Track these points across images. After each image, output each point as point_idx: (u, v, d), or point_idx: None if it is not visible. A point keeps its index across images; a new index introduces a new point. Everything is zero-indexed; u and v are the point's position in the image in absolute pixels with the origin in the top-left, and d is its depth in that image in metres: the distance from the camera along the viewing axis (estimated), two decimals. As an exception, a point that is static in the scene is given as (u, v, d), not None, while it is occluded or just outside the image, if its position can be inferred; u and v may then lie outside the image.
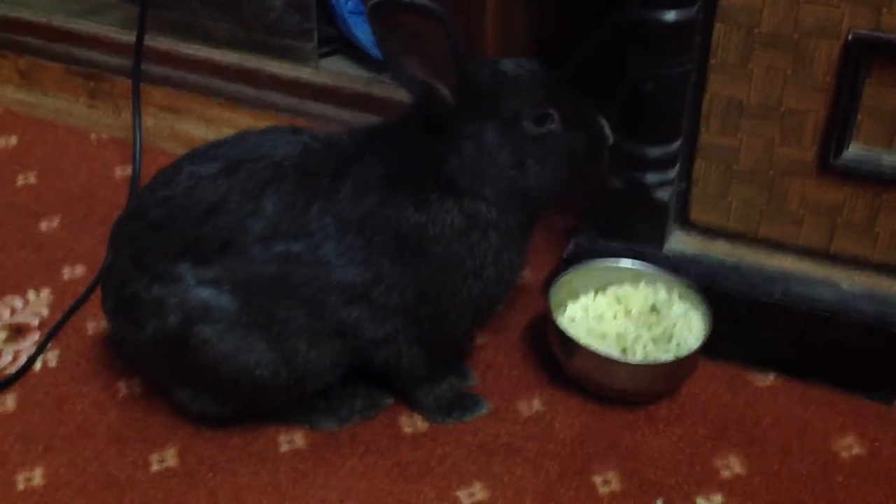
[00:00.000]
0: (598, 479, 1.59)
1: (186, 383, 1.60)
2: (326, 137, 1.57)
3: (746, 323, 1.74)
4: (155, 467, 1.60)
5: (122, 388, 1.74)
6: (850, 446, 1.64)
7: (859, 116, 1.57)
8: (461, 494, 1.56)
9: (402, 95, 2.03)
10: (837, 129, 1.58)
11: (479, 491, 1.57)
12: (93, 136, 2.44)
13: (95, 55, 2.38)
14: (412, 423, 1.69)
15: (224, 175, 1.51)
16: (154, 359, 1.59)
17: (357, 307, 1.52)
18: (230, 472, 1.59)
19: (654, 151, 1.70)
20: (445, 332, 1.58)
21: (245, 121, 2.25)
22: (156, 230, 1.52)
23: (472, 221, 1.49)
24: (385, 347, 1.57)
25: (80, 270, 2.01)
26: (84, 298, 1.91)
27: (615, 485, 1.58)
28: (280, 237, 1.48)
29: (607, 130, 1.52)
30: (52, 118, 2.49)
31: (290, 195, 1.49)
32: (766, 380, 1.77)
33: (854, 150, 1.60)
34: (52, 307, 1.92)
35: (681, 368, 1.69)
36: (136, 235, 1.55)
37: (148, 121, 2.36)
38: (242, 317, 1.50)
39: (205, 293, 1.49)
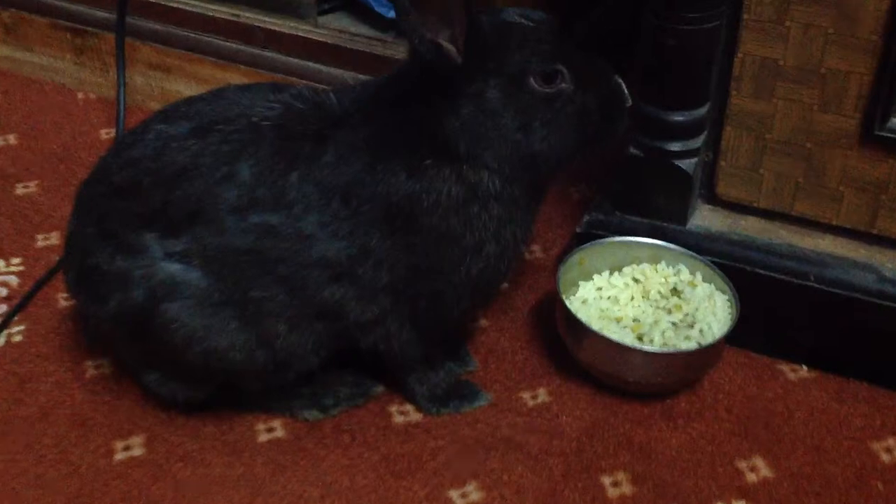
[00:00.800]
0: (607, 480, 1.45)
1: (154, 365, 1.47)
2: (310, 96, 1.42)
3: (777, 309, 1.62)
4: (119, 456, 1.47)
5: (90, 367, 1.61)
6: (890, 448, 1.50)
7: (910, 80, 1.45)
8: (453, 494, 1.42)
9: (404, 54, 1.91)
10: (884, 95, 1.47)
11: (473, 491, 1.43)
12: (80, 94, 2.32)
13: (83, 9, 2.25)
14: (404, 413, 1.55)
15: (195, 136, 1.37)
16: (119, 338, 1.46)
17: (342, 285, 1.38)
18: (201, 463, 1.46)
19: (678, 117, 1.58)
20: (441, 314, 1.45)
21: (238, 79, 2.11)
22: (120, 195, 1.39)
23: (472, 191, 1.35)
24: (373, 330, 1.43)
25: (54, 238, 1.87)
26: (57, 269, 1.77)
27: (626, 487, 1.44)
28: (256, 207, 1.34)
29: (625, 90, 1.37)
30: (39, 75, 2.37)
31: (268, 160, 1.36)
32: (798, 372, 1.64)
33: None
34: (23, 277, 1.79)
35: (703, 358, 1.54)
36: (99, 201, 1.42)
37: (137, 79, 2.23)
38: (214, 294, 1.37)
39: (172, 267, 1.36)
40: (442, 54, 1.27)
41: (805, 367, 1.63)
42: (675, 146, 1.60)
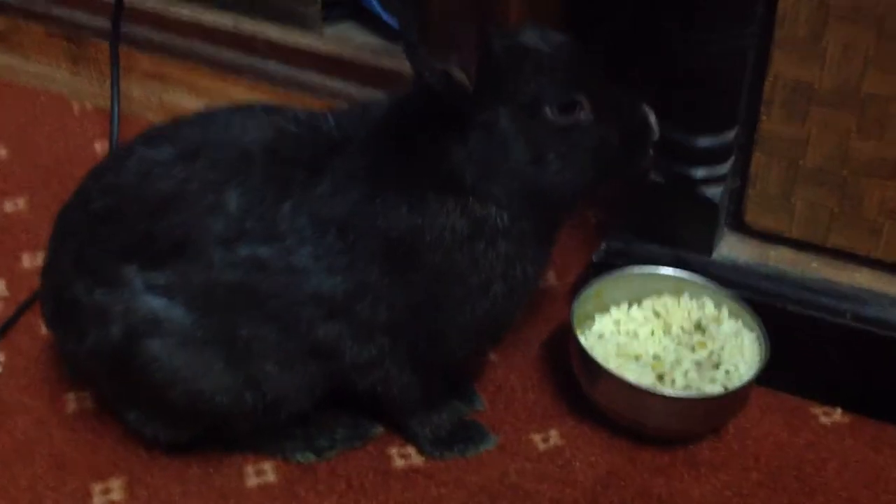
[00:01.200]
0: (623, 536, 1.33)
1: (135, 404, 1.37)
2: (306, 119, 1.32)
3: (810, 348, 1.51)
4: (97, 500, 1.36)
5: (71, 401, 1.50)
6: (932, 504, 1.37)
7: (957, 105, 1.34)
8: (457, 549, 1.31)
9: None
10: (929, 121, 1.36)
11: (478, 545, 1.32)
12: (76, 105, 2.23)
13: (79, 15, 2.16)
14: (404, 456, 1.44)
15: (181, 161, 1.28)
16: (98, 375, 1.36)
17: (337, 323, 1.28)
18: (185, 510, 1.35)
19: (704, 141, 1.48)
20: (443, 356, 1.35)
21: (239, 92, 2.02)
22: (99, 224, 1.30)
23: (478, 227, 1.26)
24: (371, 372, 1.34)
25: (41, 258, 1.76)
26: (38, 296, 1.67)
27: (644, 543, 1.32)
28: (245, 239, 1.25)
29: (653, 122, 1.27)
30: (34, 85, 2.27)
31: (259, 189, 1.26)
32: (832, 416, 1.52)
33: None
34: (5, 301, 1.69)
35: (729, 404, 1.43)
36: (77, 229, 1.33)
37: (134, 90, 2.13)
38: (198, 332, 1.27)
39: (154, 302, 1.26)
40: (452, 83, 1.16)
41: (839, 411, 1.52)
42: (699, 172, 1.49)
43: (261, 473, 1.41)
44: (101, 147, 2.08)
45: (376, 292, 1.26)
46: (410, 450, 1.45)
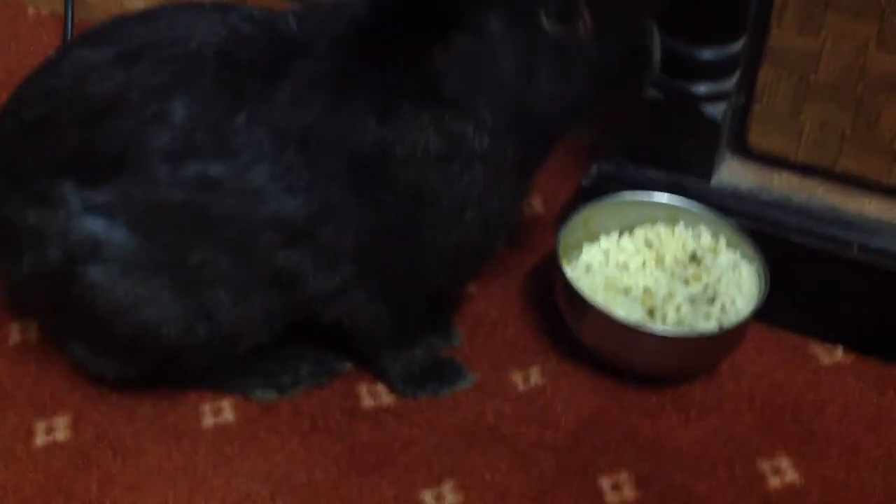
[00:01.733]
0: (605, 483, 1.25)
1: (79, 336, 1.27)
2: (264, 17, 1.20)
3: (813, 282, 1.42)
4: (40, 440, 1.27)
5: (15, 333, 1.40)
6: (938, 450, 1.30)
7: None
8: (426, 495, 1.23)
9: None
10: (957, 31, 1.25)
11: (449, 491, 1.24)
12: (30, 9, 2.10)
13: (32, -90, 1.99)
14: (374, 395, 1.35)
15: (122, 63, 1.15)
16: (37, 304, 1.26)
17: (298, 250, 1.17)
18: (134, 451, 1.26)
19: (707, 53, 1.37)
20: (414, 285, 1.25)
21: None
22: (31, 134, 1.18)
23: (454, 146, 1.15)
24: (336, 303, 1.23)
25: (-12, 176, 1.66)
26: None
27: (627, 491, 1.25)
28: (193, 154, 1.13)
29: (655, 50, 1.19)
30: (-13, -14, 2.12)
31: (209, 97, 1.14)
32: (834, 356, 1.43)
33: None
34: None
35: (724, 342, 1.34)
36: (8, 139, 1.21)
37: (92, -6, 1.98)
38: (143, 257, 1.16)
39: (93, 223, 1.15)
40: None
41: (841, 350, 1.43)
42: (701, 88, 1.38)
43: (218, 412, 1.32)
44: (56, 55, 1.96)
45: (341, 214, 1.15)
46: (380, 388, 1.35)
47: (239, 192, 1.13)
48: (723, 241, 1.42)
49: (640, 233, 1.45)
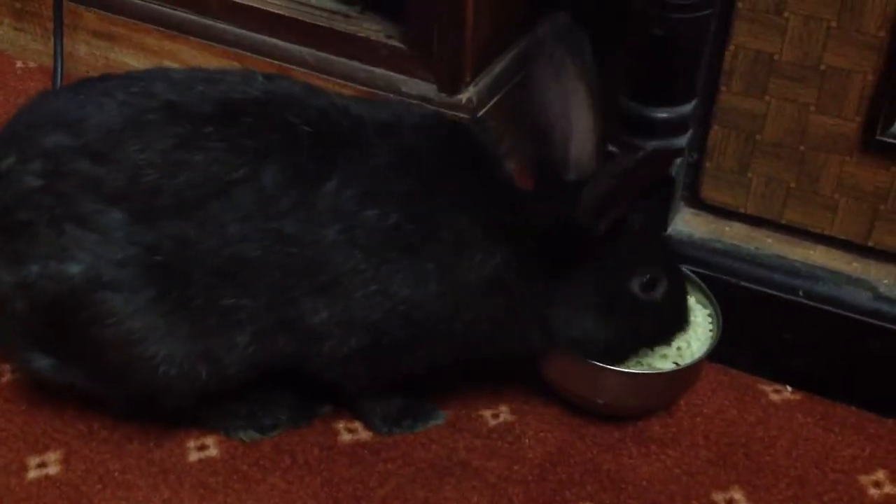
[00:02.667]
0: (571, 513, 1.31)
1: (55, 352, 1.29)
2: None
3: (762, 325, 1.50)
4: (33, 474, 1.32)
5: (6, 372, 1.46)
6: (880, 482, 1.38)
7: (917, 82, 1.32)
8: (402, 526, 1.29)
9: (369, 32, 1.77)
10: (889, 97, 1.34)
11: (424, 523, 1.29)
12: (19, 63, 2.16)
13: (22, -31, 2.07)
14: (351, 431, 1.41)
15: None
16: (19, 308, 1.25)
17: (326, 300, 1.23)
18: (123, 486, 1.31)
19: (661, 114, 1.45)
20: (417, 368, 1.35)
21: (189, 53, 1.95)
22: (93, 160, 1.19)
23: (499, 290, 1.29)
24: (339, 366, 1.30)
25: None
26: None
27: (592, 521, 1.31)
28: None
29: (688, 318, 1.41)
30: (-24, 41, 2.18)
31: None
32: (782, 394, 1.51)
33: None
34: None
35: (681, 380, 1.42)
36: (60, 151, 1.21)
37: (80, 48, 2.07)
38: (172, 295, 1.21)
39: (131, 253, 1.19)
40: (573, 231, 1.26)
41: (789, 389, 1.51)
42: (656, 146, 1.45)
43: (203, 448, 1.37)
44: (44, 107, 2.01)
45: (385, 281, 1.23)
46: (357, 425, 1.42)
47: (307, 244, 1.20)
48: (678, 287, 1.50)
49: (601, 279, 1.53)
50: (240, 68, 1.33)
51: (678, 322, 1.38)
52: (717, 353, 1.44)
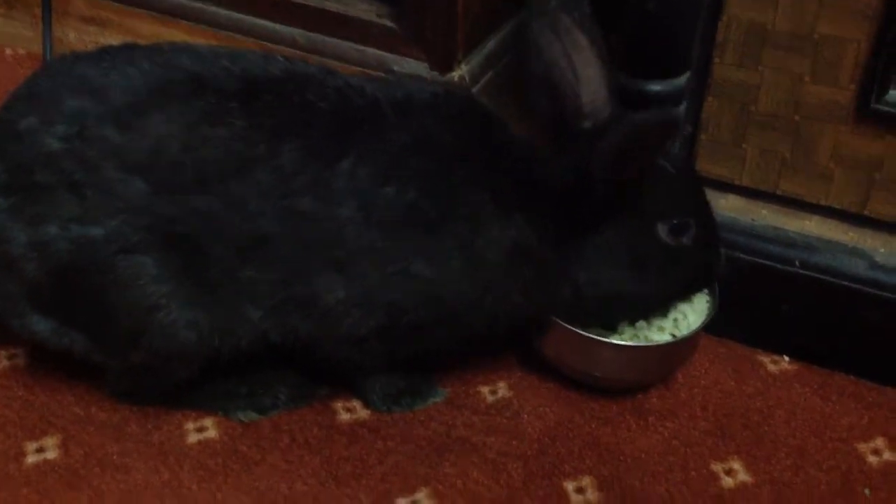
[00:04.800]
0: (570, 486, 1.32)
1: (55, 315, 1.28)
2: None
3: (759, 296, 1.50)
4: (31, 459, 1.32)
5: (3, 358, 1.45)
6: (878, 450, 1.39)
7: (911, 49, 1.32)
8: (402, 503, 1.28)
9: (360, 11, 1.76)
10: (882, 66, 1.34)
11: (424, 498, 1.30)
12: (8, 50, 2.13)
13: (10, -44, 2.05)
14: (350, 410, 1.41)
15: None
16: (30, 269, 1.23)
17: (344, 279, 1.23)
18: (122, 469, 1.31)
19: (656, 87, 1.45)
20: (430, 344, 1.34)
21: (179, 37, 1.93)
22: (117, 127, 1.19)
23: (541, 274, 1.30)
24: (356, 347, 1.30)
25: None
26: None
27: (591, 493, 1.31)
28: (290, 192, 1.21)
29: (723, 258, 1.39)
30: (-36, 29, 2.16)
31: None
32: (780, 364, 1.52)
33: None
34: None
35: (678, 352, 1.42)
36: (84, 116, 1.19)
37: (70, 34, 2.05)
38: (193, 265, 1.21)
39: (153, 222, 1.19)
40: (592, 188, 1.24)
41: (787, 359, 1.51)
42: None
43: (202, 430, 1.37)
44: (34, 94, 2.00)
45: (405, 260, 1.23)
46: (356, 403, 1.42)
47: (323, 221, 1.21)
48: (675, 260, 1.50)
49: (598, 254, 1.53)
50: (259, 50, 1.32)
51: (712, 266, 1.36)
52: (715, 325, 1.44)
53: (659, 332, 1.41)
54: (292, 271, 1.22)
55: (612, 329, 1.38)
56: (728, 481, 1.34)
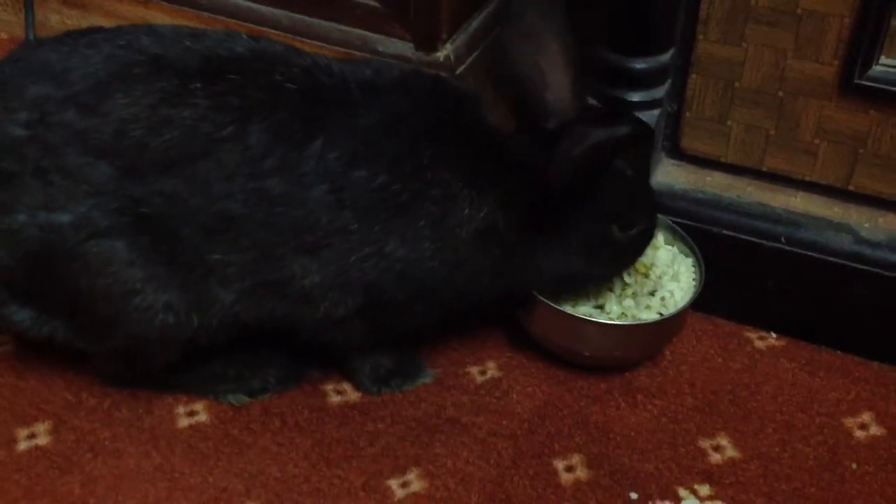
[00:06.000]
0: (560, 465, 1.33)
1: (33, 303, 1.28)
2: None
3: (745, 273, 1.51)
4: (23, 445, 1.32)
5: (-8, 345, 1.45)
6: (865, 424, 1.40)
7: (893, 23, 1.31)
8: (393, 483, 1.30)
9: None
10: (866, 40, 1.34)
11: (415, 479, 1.30)
12: (-10, 35, 2.11)
13: (-11, -61, 2.04)
14: (340, 392, 1.42)
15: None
16: (2, 258, 1.23)
17: (319, 261, 1.23)
18: (114, 453, 1.32)
19: (640, 64, 1.45)
20: (410, 322, 1.35)
21: (161, 18, 1.92)
22: (79, 111, 1.18)
23: (489, 241, 1.30)
24: (336, 329, 1.31)
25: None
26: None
27: (581, 471, 1.32)
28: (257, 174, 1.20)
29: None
30: (-55, 14, 2.15)
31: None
32: (767, 340, 1.53)
33: (885, 66, 1.35)
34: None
35: (665, 330, 1.43)
36: (45, 102, 1.19)
37: (52, 18, 2.03)
38: (162, 247, 1.21)
39: (121, 205, 1.19)
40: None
41: (774, 335, 1.52)
42: (635, 96, 1.46)
43: (192, 414, 1.38)
44: (18, 79, 1.99)
45: (380, 241, 1.23)
46: (346, 386, 1.42)
47: (293, 203, 1.20)
48: (661, 238, 1.50)
49: (584, 232, 1.54)
50: (223, 28, 1.31)
51: (641, 249, 1.42)
52: (702, 303, 1.45)
53: (647, 311, 1.42)
54: (262, 254, 1.22)
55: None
56: (716, 457, 1.35)
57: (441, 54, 1.70)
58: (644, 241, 1.41)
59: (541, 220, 1.31)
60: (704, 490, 1.30)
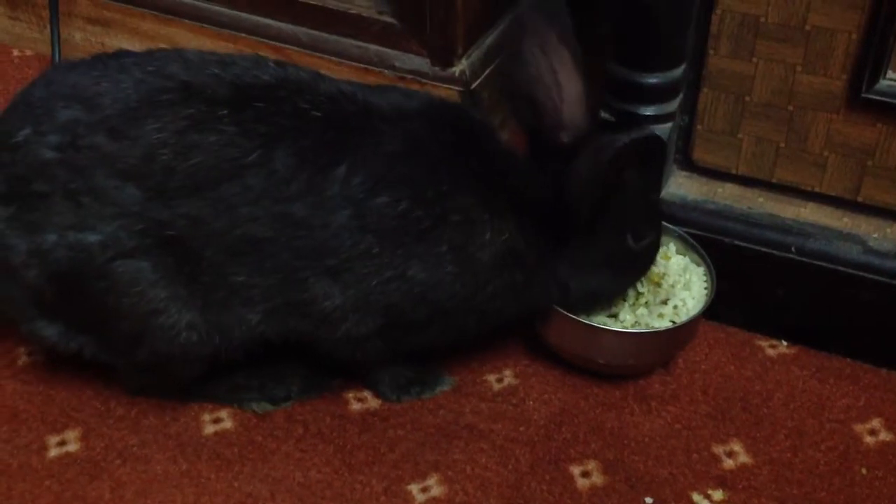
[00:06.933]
0: (576, 470, 1.36)
1: (61, 319, 1.32)
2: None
3: (756, 282, 1.53)
4: (53, 452, 1.36)
5: (23, 354, 1.49)
6: (875, 430, 1.43)
7: (901, 39, 1.35)
8: (413, 488, 1.33)
9: (360, 8, 1.79)
10: (873, 55, 1.37)
11: (434, 484, 1.34)
12: (15, 52, 2.17)
13: (14, -41, 2.08)
14: (361, 400, 1.45)
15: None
16: (32, 276, 1.27)
17: (340, 285, 1.27)
18: (142, 460, 1.35)
19: (652, 79, 1.47)
20: (429, 341, 1.39)
21: (183, 36, 1.97)
22: (109, 135, 1.21)
23: (508, 265, 1.34)
24: (358, 347, 1.35)
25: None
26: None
27: (596, 477, 1.35)
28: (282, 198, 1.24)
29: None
30: (-29, 32, 2.20)
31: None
32: (778, 348, 1.55)
33: (892, 81, 1.39)
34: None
35: (678, 338, 1.46)
36: (76, 126, 1.22)
37: (75, 35, 2.08)
38: (186, 269, 1.24)
39: (147, 227, 1.22)
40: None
41: (785, 343, 1.55)
42: (648, 110, 1.49)
43: (218, 421, 1.41)
44: (42, 95, 2.03)
45: (400, 264, 1.27)
46: (366, 393, 1.46)
47: (317, 227, 1.23)
48: (673, 249, 1.54)
49: (598, 243, 1.57)
50: (250, 54, 1.34)
51: (653, 258, 1.46)
52: (714, 312, 1.48)
53: (659, 319, 1.45)
54: (285, 276, 1.25)
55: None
56: (729, 462, 1.38)
57: (456, 69, 1.74)
58: (654, 249, 1.44)
59: (562, 239, 1.34)
60: (718, 495, 1.33)
